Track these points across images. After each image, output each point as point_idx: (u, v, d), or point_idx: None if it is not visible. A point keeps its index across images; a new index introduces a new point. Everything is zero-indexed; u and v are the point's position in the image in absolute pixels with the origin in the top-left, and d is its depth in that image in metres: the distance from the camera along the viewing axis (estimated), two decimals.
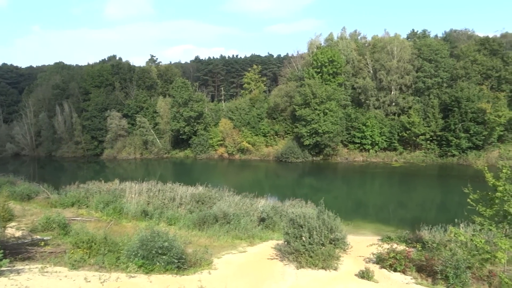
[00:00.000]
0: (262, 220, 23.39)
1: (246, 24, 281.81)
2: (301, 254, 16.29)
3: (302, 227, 16.92)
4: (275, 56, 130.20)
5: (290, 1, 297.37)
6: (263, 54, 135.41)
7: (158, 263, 14.84)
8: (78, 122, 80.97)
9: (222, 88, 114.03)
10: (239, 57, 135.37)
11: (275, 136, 72.06)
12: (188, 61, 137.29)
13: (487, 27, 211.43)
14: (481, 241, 14.70)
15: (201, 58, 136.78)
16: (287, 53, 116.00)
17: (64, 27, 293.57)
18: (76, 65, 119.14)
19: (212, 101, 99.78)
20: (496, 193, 14.94)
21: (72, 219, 23.29)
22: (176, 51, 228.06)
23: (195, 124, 73.71)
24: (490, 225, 15.11)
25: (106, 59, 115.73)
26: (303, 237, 16.67)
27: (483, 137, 59.00)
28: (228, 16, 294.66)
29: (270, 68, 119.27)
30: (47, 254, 16.71)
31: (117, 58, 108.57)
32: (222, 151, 72.10)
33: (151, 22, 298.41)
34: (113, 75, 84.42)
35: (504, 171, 14.99)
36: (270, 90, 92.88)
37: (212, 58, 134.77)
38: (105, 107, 79.13)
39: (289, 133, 70.45)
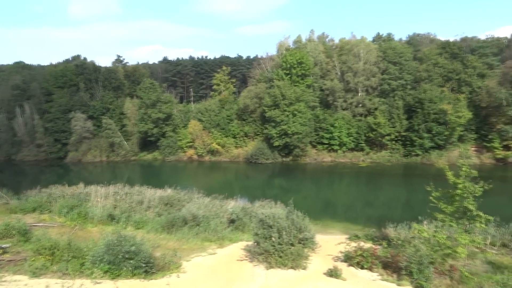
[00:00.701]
0: (232, 221, 23.32)
1: (215, 25, 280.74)
2: (271, 255, 16.35)
3: (271, 228, 17.00)
4: (244, 58, 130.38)
5: (260, 3, 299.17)
6: (233, 55, 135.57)
7: (125, 268, 14.52)
8: (40, 124, 77.92)
9: (191, 89, 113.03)
10: (208, 58, 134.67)
11: (245, 138, 72.09)
12: (156, 62, 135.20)
13: (448, 32, 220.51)
14: (442, 237, 15.29)
15: (169, 59, 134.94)
16: (257, 55, 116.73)
17: (25, 25, 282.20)
18: (38, 65, 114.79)
19: (181, 103, 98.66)
20: (456, 191, 15.58)
21: (34, 225, 22.35)
22: (144, 52, 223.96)
23: (163, 125, 72.65)
24: (451, 221, 15.74)
25: (70, 59, 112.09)
26: (272, 238, 16.75)
27: (445, 137, 61.39)
28: (197, 16, 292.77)
29: (240, 69, 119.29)
30: (6, 262, 15.97)
31: (82, 58, 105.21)
32: (191, 152, 71.40)
33: (118, 21, 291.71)
34: (77, 76, 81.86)
35: (463, 169, 15.66)
36: (240, 91, 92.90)
37: (181, 59, 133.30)
38: (69, 109, 76.63)
39: (258, 134, 70.67)
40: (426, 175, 42.44)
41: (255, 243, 17.38)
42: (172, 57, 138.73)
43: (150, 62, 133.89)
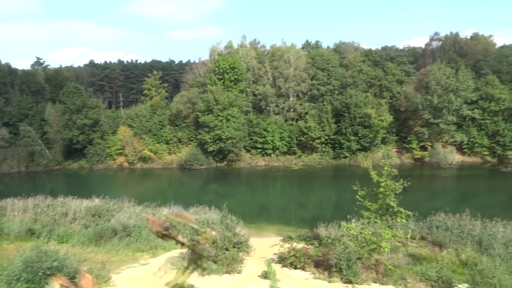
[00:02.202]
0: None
1: (146, 28, 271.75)
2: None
3: None
4: (176, 62, 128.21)
5: (192, 8, 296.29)
6: (164, 59, 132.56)
7: (46, 286, 13.40)
8: None
9: (120, 94, 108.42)
10: (138, 62, 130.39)
11: (178, 143, 70.67)
12: (82, 65, 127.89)
13: (370, 41, 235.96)
14: (368, 233, 16.20)
15: (96, 62, 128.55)
16: (189, 60, 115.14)
17: None
18: None
19: (110, 108, 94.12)
20: (379, 189, 16.61)
21: None
22: (68, 54, 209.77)
23: (90, 132, 68.66)
24: (375, 218, 16.74)
25: None
26: None
27: (370, 140, 65.40)
28: (127, 19, 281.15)
29: (172, 74, 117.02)
30: None
31: None
32: (121, 160, 68.29)
33: (37, 21, 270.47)
34: None
35: (385, 169, 16.75)
36: (172, 96, 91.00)
37: (109, 62, 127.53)
38: None
39: (192, 140, 69.67)
40: (353, 176, 44.72)
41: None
42: (99, 60, 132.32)
43: (75, 66, 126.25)
